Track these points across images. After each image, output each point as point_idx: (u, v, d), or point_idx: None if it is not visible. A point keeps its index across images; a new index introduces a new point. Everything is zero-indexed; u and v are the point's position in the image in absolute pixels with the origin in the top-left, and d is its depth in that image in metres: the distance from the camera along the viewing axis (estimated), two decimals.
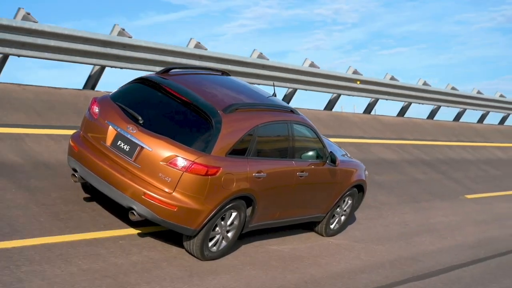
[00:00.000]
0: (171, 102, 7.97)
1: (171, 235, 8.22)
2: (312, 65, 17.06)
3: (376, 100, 19.51)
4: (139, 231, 8.20)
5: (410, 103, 20.83)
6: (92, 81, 13.23)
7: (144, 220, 7.74)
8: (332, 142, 10.90)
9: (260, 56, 15.86)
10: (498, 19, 41.79)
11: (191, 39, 14.31)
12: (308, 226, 10.17)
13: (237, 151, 7.97)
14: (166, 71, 8.53)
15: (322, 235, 10.20)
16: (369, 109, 19.72)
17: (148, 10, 34.28)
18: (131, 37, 12.97)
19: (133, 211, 7.61)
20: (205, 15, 35.33)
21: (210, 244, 8.09)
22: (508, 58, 42.97)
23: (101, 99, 8.16)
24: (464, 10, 42.91)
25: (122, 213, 8.26)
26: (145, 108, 7.96)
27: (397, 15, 41.51)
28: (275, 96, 9.36)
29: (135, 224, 8.25)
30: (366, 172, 10.53)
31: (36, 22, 11.52)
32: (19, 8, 11.50)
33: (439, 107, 22.25)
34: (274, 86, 9.85)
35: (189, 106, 7.90)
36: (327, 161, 9.41)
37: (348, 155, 10.75)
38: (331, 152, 9.45)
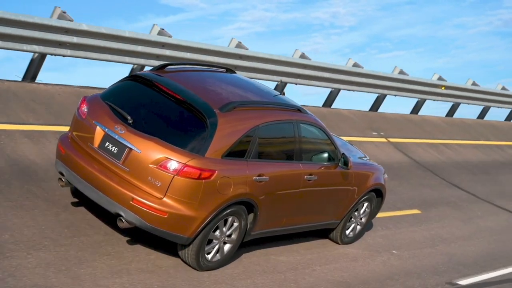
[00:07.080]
0: (164, 101, 7.42)
1: (170, 243, 7.64)
2: (401, 72, 18.06)
3: (458, 104, 20.82)
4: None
5: (489, 107, 22.17)
6: None
7: (134, 227, 7.19)
8: (348, 143, 10.22)
9: (355, 65, 16.53)
10: (495, 23, 41.15)
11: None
12: (323, 234, 9.51)
13: (235, 153, 7.36)
14: (161, 67, 7.98)
15: (338, 243, 9.52)
16: (451, 112, 20.96)
17: (147, 12, 34.44)
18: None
19: (121, 217, 7.06)
20: (203, 18, 35.47)
21: (207, 253, 7.51)
22: (506, 62, 42.23)
23: (91, 98, 7.65)
24: (461, 14, 42.34)
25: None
26: (136, 107, 7.42)
27: (395, 18, 41.10)
28: (284, 94, 8.74)
29: (124, 232, 7.70)
30: (385, 176, 9.82)
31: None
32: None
33: None
34: (281, 82, 9.21)
35: (183, 105, 7.33)
36: (339, 164, 8.75)
37: (367, 157, 10.05)
38: (343, 153, 8.77)
